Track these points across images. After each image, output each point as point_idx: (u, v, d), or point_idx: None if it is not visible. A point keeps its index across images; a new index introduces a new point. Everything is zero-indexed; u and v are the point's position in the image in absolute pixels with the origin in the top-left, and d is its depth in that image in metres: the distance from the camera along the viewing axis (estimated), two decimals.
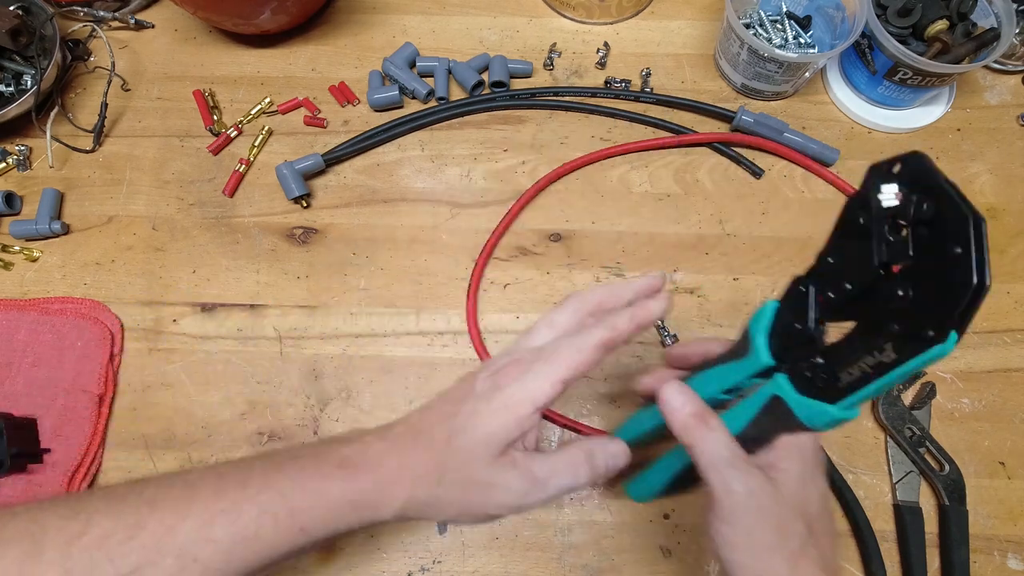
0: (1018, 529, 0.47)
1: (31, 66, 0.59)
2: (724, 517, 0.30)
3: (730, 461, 0.30)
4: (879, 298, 0.25)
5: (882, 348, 0.24)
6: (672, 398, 0.32)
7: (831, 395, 0.27)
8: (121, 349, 0.53)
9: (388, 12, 0.65)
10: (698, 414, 0.32)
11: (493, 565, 0.47)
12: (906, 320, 0.24)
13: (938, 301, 0.23)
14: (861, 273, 0.26)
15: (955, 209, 0.23)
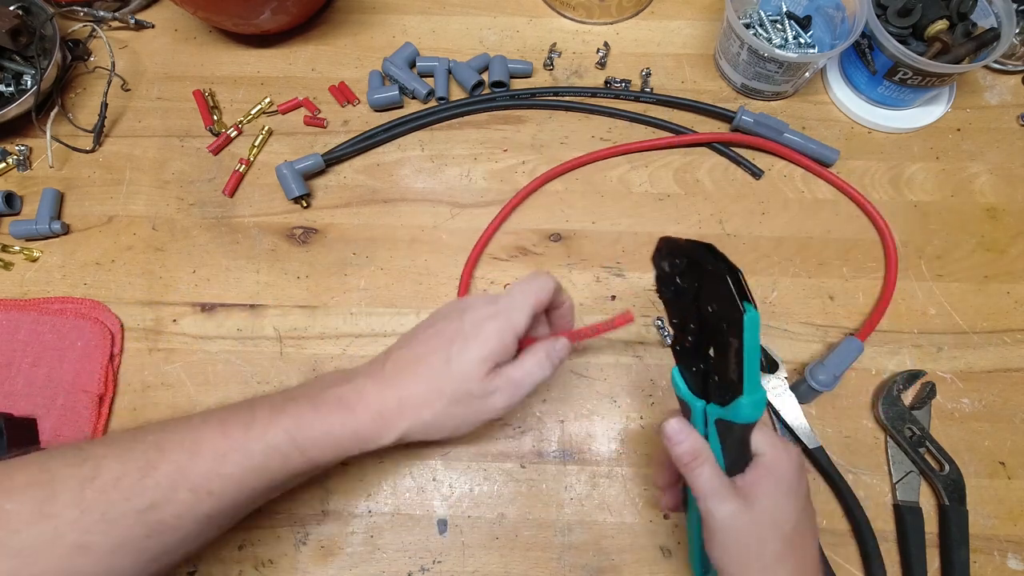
0: (1018, 529, 0.47)
1: (31, 66, 0.59)
2: (712, 540, 0.35)
3: (714, 491, 0.35)
4: (708, 324, 0.36)
5: (729, 343, 0.34)
6: (672, 434, 0.37)
7: (735, 392, 0.35)
8: (121, 349, 0.53)
9: (388, 12, 0.65)
10: (690, 451, 0.36)
11: (493, 565, 0.47)
12: (723, 317, 0.34)
13: (725, 298, 0.33)
14: (689, 317, 0.37)
15: (691, 250, 0.35)
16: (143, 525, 0.33)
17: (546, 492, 0.49)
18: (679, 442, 0.37)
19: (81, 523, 0.32)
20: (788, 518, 0.35)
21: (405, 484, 0.49)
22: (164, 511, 0.33)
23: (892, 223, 0.56)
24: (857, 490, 0.47)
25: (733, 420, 0.36)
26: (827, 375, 0.48)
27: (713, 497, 0.35)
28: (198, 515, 0.34)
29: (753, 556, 0.35)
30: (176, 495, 0.34)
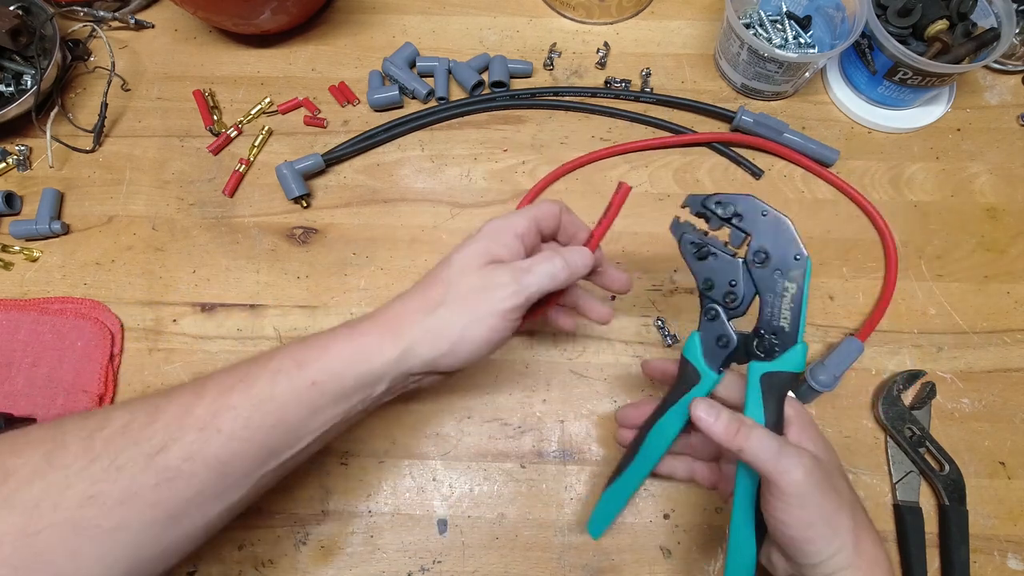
0: (1018, 529, 0.47)
1: (31, 66, 0.59)
2: (793, 501, 0.33)
3: (779, 451, 0.34)
4: (754, 272, 0.37)
5: (784, 290, 0.36)
6: (704, 415, 0.36)
7: (787, 342, 0.37)
8: (121, 349, 0.53)
9: (388, 12, 0.65)
10: (732, 421, 0.35)
11: (493, 565, 0.47)
12: (779, 265, 0.36)
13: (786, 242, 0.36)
14: (732, 270, 0.38)
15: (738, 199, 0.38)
16: (153, 471, 0.31)
17: (546, 492, 0.49)
18: (716, 416, 0.36)
19: (90, 471, 0.31)
20: (838, 465, 0.37)
21: (405, 484, 0.49)
22: (173, 453, 0.32)
23: (892, 223, 0.56)
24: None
25: (785, 371, 0.36)
26: (827, 375, 0.48)
27: (783, 456, 0.34)
28: (208, 458, 0.33)
29: (839, 504, 0.34)
30: (184, 435, 0.32)
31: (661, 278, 0.54)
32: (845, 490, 0.36)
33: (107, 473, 0.31)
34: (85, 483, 0.30)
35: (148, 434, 0.32)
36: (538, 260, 0.38)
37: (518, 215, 0.39)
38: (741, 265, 0.38)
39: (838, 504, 0.34)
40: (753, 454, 0.34)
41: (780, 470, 0.33)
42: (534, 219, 0.39)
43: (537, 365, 0.52)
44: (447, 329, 0.36)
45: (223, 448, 0.33)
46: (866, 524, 0.36)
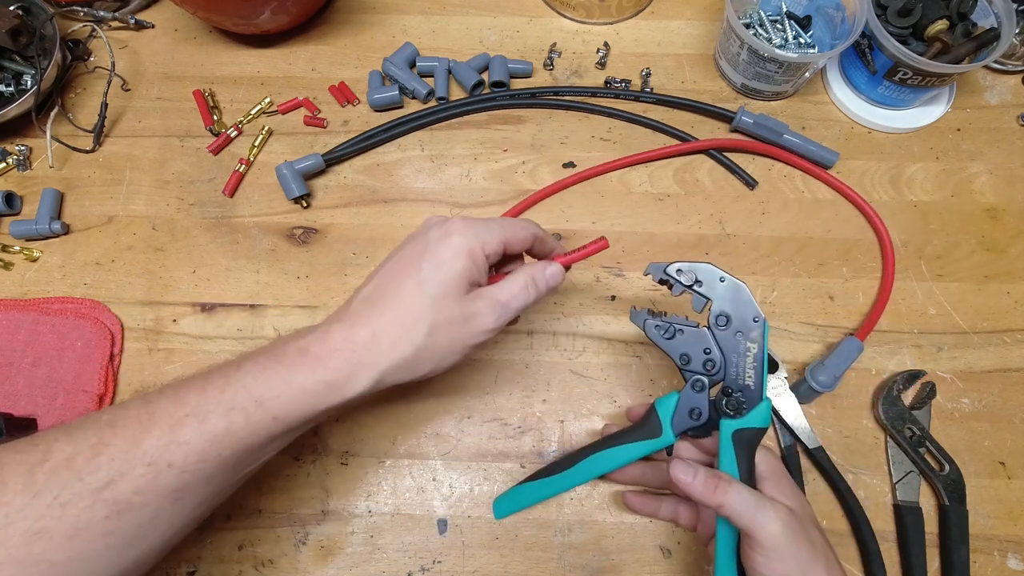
0: (1018, 529, 0.47)
1: (31, 66, 0.59)
2: (771, 554, 0.34)
3: (757, 505, 0.35)
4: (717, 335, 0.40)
5: (748, 348, 0.39)
6: (682, 475, 0.37)
7: (753, 400, 0.39)
8: (121, 349, 0.53)
9: (388, 12, 0.65)
10: (710, 478, 0.37)
11: (493, 565, 0.47)
12: (740, 327, 0.40)
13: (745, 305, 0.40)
14: (703, 340, 0.40)
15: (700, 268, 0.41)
16: (101, 504, 0.30)
17: None
18: (693, 475, 0.37)
19: (33, 508, 0.29)
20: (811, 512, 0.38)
21: (405, 484, 0.49)
22: (121, 488, 0.31)
23: (892, 223, 0.56)
24: (857, 490, 0.47)
25: (754, 427, 0.38)
26: (827, 375, 0.48)
27: (761, 510, 0.35)
28: (161, 490, 0.31)
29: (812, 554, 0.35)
30: (132, 470, 0.31)
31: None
32: (819, 540, 0.36)
33: (51, 509, 0.30)
34: (29, 520, 0.29)
35: (93, 467, 0.31)
36: (515, 291, 0.37)
37: (492, 233, 0.37)
38: (708, 333, 0.40)
39: (812, 554, 0.35)
40: (732, 509, 0.35)
41: (758, 524, 0.34)
42: (505, 242, 0.38)
43: (537, 365, 0.52)
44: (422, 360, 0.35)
45: (175, 479, 0.32)
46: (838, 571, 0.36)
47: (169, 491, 0.32)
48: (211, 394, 0.33)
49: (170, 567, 0.47)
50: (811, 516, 0.39)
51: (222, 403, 0.33)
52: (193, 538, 0.47)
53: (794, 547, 0.34)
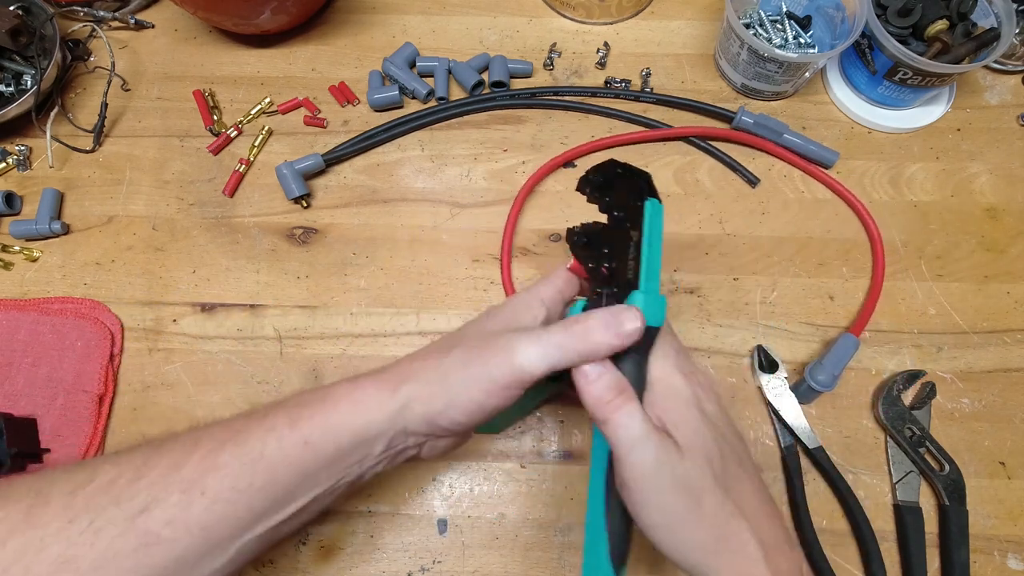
0: (1018, 529, 0.47)
1: (31, 66, 0.59)
2: (640, 500, 0.31)
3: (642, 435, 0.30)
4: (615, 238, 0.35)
5: (629, 238, 0.33)
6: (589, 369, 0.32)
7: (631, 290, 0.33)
8: (121, 349, 0.53)
9: (388, 12, 0.65)
10: (612, 387, 0.31)
11: (493, 565, 0.47)
12: (628, 217, 0.34)
13: (632, 194, 0.33)
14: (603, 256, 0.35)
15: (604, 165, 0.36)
16: (133, 534, 0.30)
17: (546, 492, 0.49)
18: (597, 376, 0.31)
19: (67, 533, 0.29)
20: (713, 448, 0.31)
21: (405, 484, 0.49)
22: (155, 516, 0.30)
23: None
24: (857, 490, 0.47)
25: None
26: (826, 375, 0.48)
27: (640, 443, 0.30)
28: (191, 523, 0.31)
29: (689, 510, 0.30)
30: (168, 496, 0.31)
31: (661, 278, 0.54)
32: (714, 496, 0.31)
33: (84, 536, 0.29)
34: (61, 545, 0.29)
35: (132, 492, 0.30)
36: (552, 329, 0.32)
37: (543, 283, 0.37)
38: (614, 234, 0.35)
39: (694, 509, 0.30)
40: (616, 429, 0.31)
41: (632, 457, 0.30)
42: (558, 287, 0.37)
43: None
44: (444, 385, 0.33)
45: (207, 512, 0.31)
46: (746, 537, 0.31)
47: (199, 528, 0.31)
48: (255, 419, 0.33)
49: None
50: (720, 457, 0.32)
51: (263, 425, 0.33)
52: None
53: (677, 485, 0.30)
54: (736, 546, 0.30)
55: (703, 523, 0.30)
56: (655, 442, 0.30)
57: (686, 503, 0.30)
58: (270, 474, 0.32)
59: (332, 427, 0.33)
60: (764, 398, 0.50)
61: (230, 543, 0.32)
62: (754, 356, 0.51)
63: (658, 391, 0.32)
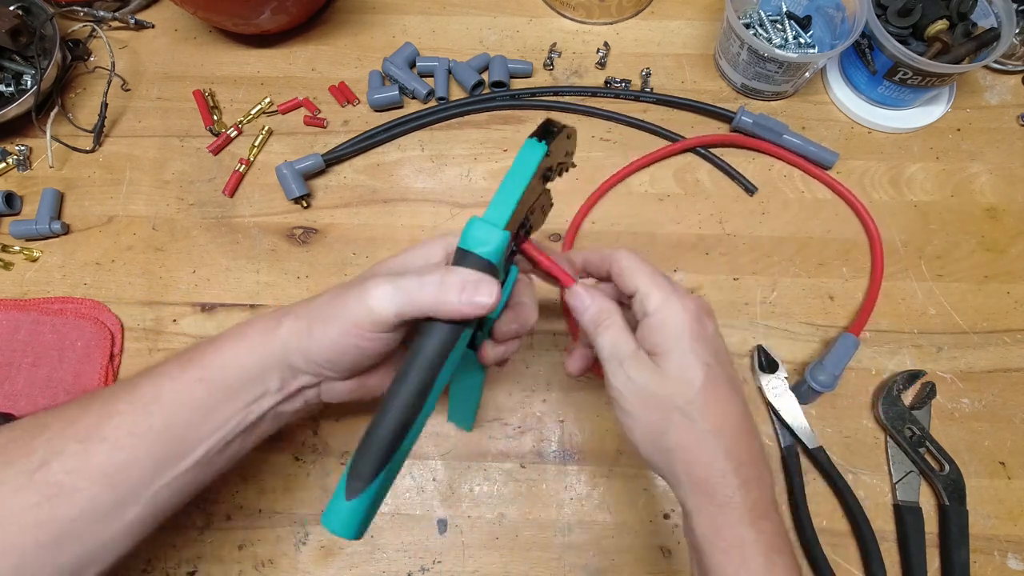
0: (1018, 529, 0.47)
1: (31, 66, 0.59)
2: (616, 407, 0.35)
3: (612, 355, 0.34)
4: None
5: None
6: (579, 301, 0.36)
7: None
8: (121, 349, 0.53)
9: (388, 12, 0.65)
10: (598, 313, 0.35)
11: (493, 565, 0.47)
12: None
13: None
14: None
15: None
16: (32, 488, 0.30)
17: (546, 492, 0.49)
18: (586, 307, 0.36)
19: None
20: (695, 374, 0.33)
21: (405, 484, 0.49)
22: (53, 469, 0.30)
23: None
24: (857, 490, 0.47)
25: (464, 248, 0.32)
26: (827, 375, 0.48)
27: (615, 360, 0.34)
28: (93, 470, 0.30)
29: (663, 427, 0.33)
30: (66, 447, 0.31)
31: None
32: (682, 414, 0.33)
33: None
34: None
35: (28, 450, 0.30)
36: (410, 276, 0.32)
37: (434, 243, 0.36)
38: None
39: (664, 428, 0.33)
40: (600, 348, 0.35)
41: (610, 372, 0.34)
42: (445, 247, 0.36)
43: (537, 365, 0.52)
44: (311, 321, 0.34)
45: (109, 458, 0.31)
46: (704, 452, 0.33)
47: (101, 474, 0.31)
48: (149, 369, 0.34)
49: (170, 567, 0.47)
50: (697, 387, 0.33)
51: (156, 372, 0.34)
52: (193, 538, 0.47)
53: (641, 410, 0.33)
54: (707, 459, 0.33)
55: (669, 432, 0.33)
56: (620, 360, 0.34)
57: (654, 414, 0.33)
58: (168, 415, 0.32)
59: (222, 364, 0.34)
60: (764, 398, 0.50)
61: (141, 491, 0.32)
62: (754, 356, 0.51)
63: (653, 322, 0.34)
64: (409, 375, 0.32)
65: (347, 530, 0.31)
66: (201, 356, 0.34)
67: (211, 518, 0.48)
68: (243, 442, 0.35)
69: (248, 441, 0.36)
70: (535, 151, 0.33)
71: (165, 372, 0.34)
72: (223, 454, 0.34)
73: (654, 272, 0.36)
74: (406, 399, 0.31)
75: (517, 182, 0.33)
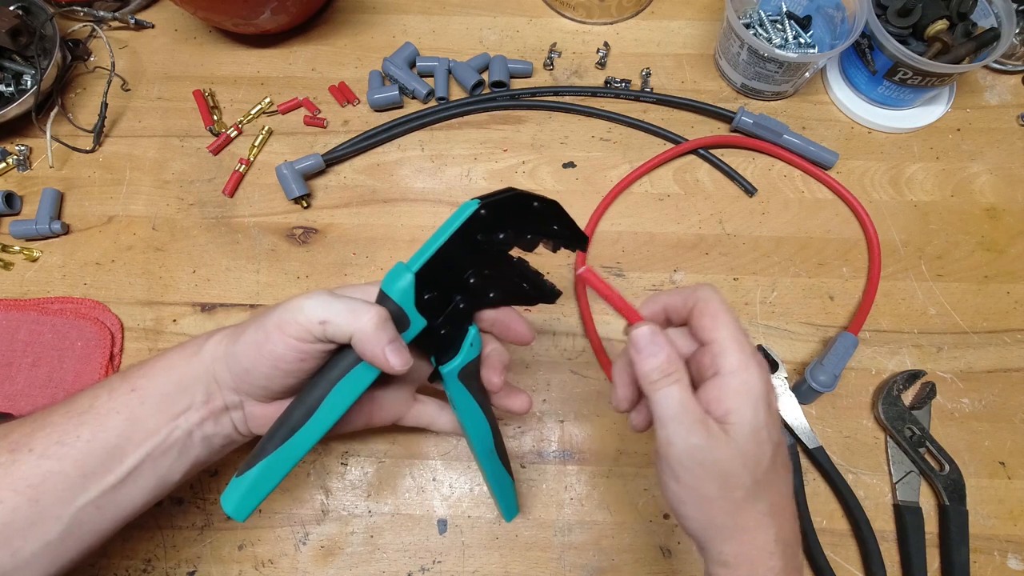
0: (1018, 529, 0.47)
1: (31, 66, 0.59)
2: (669, 471, 0.31)
3: (683, 416, 0.30)
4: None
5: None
6: (644, 344, 0.32)
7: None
8: (121, 349, 0.53)
9: (388, 12, 0.65)
10: (666, 364, 0.31)
11: (493, 565, 0.47)
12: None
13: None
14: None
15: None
16: None
17: (546, 492, 0.49)
18: (652, 353, 0.31)
19: None
20: (765, 454, 0.31)
21: (405, 484, 0.49)
22: None
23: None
24: (857, 490, 0.47)
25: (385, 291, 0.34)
26: (827, 375, 0.48)
27: (680, 423, 0.30)
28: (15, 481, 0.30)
29: (719, 496, 0.31)
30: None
31: (661, 278, 0.54)
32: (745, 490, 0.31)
33: None
34: None
35: None
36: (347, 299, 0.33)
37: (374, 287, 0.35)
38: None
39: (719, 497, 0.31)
40: (660, 406, 0.31)
41: (669, 435, 0.31)
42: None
43: (537, 365, 0.52)
44: (238, 330, 0.34)
45: (33, 468, 0.30)
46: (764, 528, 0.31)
47: (25, 484, 0.30)
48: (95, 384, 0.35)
49: (170, 567, 0.47)
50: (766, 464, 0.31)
51: (97, 385, 0.34)
52: (193, 538, 0.47)
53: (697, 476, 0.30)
54: (760, 541, 0.31)
55: (729, 512, 0.31)
56: (688, 425, 0.30)
57: (716, 489, 0.31)
58: (97, 424, 0.32)
59: (155, 373, 0.35)
60: None
61: (62, 506, 0.31)
62: None
63: (731, 383, 0.31)
64: (307, 387, 0.35)
65: (227, 504, 0.34)
66: (139, 368, 0.35)
67: (211, 518, 0.48)
68: (173, 464, 0.35)
69: (179, 465, 0.35)
70: (465, 208, 0.33)
71: (104, 384, 0.34)
72: (153, 472, 0.34)
73: (736, 325, 0.32)
74: (296, 405, 0.34)
75: (439, 234, 0.33)
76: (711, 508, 0.31)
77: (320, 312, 0.32)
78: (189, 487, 0.49)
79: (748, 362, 0.31)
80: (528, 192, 0.34)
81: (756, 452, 0.31)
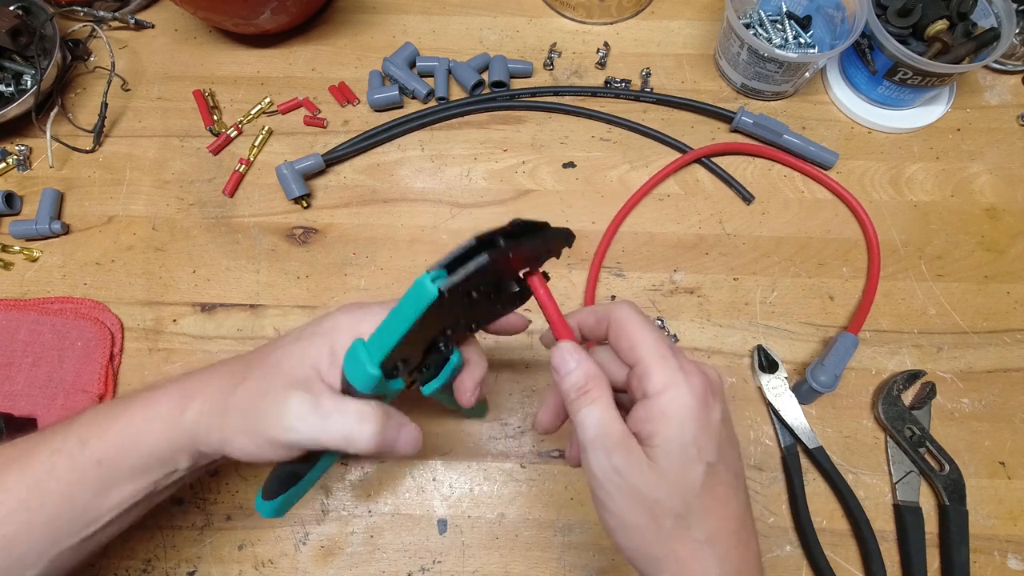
0: (1018, 529, 0.47)
1: (31, 66, 0.59)
2: (597, 498, 0.30)
3: (595, 439, 0.29)
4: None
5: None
6: (561, 362, 0.30)
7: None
8: (121, 349, 0.53)
9: (388, 12, 0.65)
10: (593, 379, 0.30)
11: (493, 565, 0.47)
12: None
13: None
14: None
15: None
16: None
17: (546, 492, 0.49)
18: (570, 371, 0.30)
19: None
20: (695, 476, 0.28)
21: (405, 484, 0.49)
22: None
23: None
24: (857, 490, 0.47)
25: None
26: (828, 375, 0.48)
27: (599, 446, 0.28)
28: None
29: (647, 524, 0.28)
30: None
31: (661, 278, 0.54)
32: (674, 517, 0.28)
33: None
34: None
35: None
36: (346, 411, 0.31)
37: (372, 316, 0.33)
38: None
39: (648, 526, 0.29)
40: (581, 426, 0.29)
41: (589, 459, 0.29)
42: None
43: (537, 365, 0.52)
44: (224, 423, 0.32)
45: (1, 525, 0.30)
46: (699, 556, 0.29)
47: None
48: (47, 435, 0.32)
49: (170, 567, 0.47)
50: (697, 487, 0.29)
51: (49, 446, 0.32)
52: (193, 538, 0.47)
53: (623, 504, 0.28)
54: (699, 570, 0.29)
55: (659, 541, 0.29)
56: (607, 448, 0.28)
57: (643, 517, 0.29)
58: (65, 492, 0.31)
59: (126, 445, 0.32)
60: (764, 398, 0.50)
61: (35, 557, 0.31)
62: (754, 356, 0.51)
63: (656, 403, 0.29)
64: None
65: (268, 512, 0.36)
66: (102, 432, 0.32)
67: (211, 518, 0.48)
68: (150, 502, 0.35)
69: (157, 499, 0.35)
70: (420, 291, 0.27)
71: (61, 448, 0.32)
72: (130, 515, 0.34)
73: (658, 341, 0.30)
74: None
75: (398, 319, 0.28)
76: (640, 537, 0.29)
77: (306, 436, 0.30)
78: (189, 487, 0.49)
79: (674, 378, 0.29)
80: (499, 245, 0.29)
81: (684, 474, 0.28)
